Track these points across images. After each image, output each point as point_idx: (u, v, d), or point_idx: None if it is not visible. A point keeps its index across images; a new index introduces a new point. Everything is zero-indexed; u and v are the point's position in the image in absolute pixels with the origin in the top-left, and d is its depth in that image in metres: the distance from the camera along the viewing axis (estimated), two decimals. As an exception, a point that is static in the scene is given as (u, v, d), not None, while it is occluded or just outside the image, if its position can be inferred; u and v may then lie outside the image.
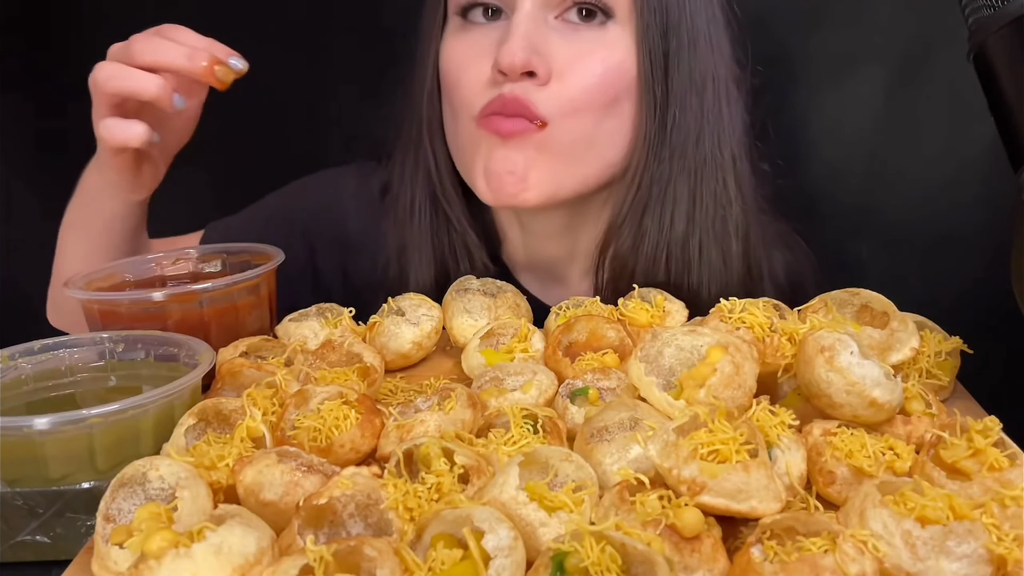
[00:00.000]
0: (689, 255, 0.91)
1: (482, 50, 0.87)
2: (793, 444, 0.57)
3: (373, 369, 0.74)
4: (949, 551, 0.46)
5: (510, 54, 0.82)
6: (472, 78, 0.87)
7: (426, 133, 0.96)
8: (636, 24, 0.86)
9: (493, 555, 0.46)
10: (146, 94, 0.80)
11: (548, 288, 1.04)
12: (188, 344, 0.74)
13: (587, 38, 0.86)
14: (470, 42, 0.89)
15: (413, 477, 0.55)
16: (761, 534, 0.48)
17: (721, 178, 0.91)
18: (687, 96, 0.88)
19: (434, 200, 0.97)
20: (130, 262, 0.92)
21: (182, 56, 0.79)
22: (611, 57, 0.86)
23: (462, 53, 0.89)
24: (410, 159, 0.99)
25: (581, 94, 0.85)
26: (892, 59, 1.26)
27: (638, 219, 0.91)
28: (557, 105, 0.85)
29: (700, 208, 0.90)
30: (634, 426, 0.60)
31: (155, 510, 0.53)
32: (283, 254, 0.90)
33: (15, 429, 0.61)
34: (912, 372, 0.71)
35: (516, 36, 0.83)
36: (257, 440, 0.62)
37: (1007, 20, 0.60)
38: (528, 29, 0.84)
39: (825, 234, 1.30)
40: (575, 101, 0.85)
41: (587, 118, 0.87)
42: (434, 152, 0.96)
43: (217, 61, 0.79)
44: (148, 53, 0.80)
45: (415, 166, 0.98)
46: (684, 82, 0.88)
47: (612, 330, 0.77)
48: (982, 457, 0.54)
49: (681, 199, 0.90)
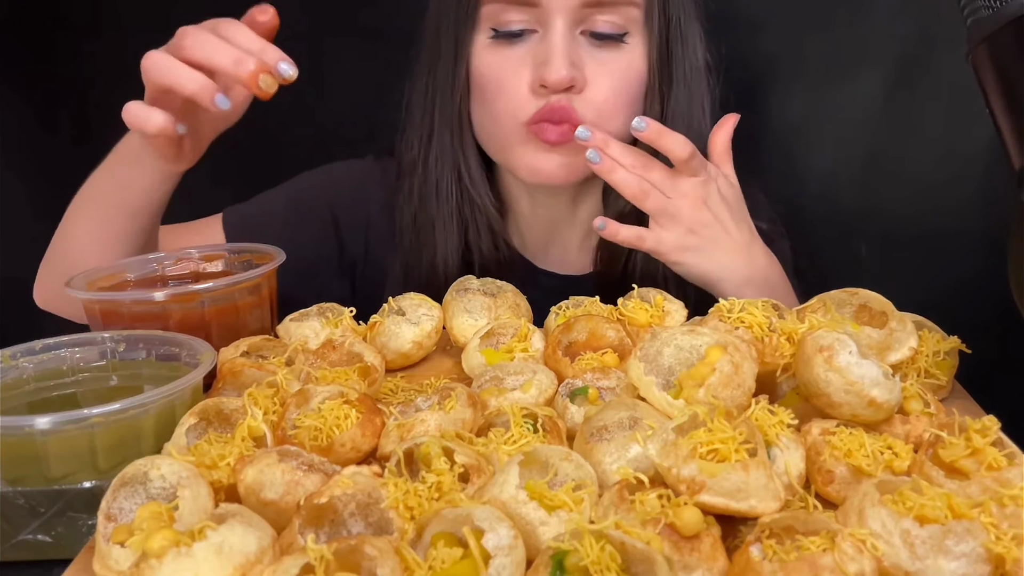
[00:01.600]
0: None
1: (520, 62, 0.97)
2: (792, 443, 0.57)
3: (374, 369, 0.74)
4: (948, 550, 0.46)
5: (557, 72, 0.93)
6: (514, 89, 0.97)
7: (456, 125, 1.04)
8: (646, 37, 0.98)
9: (493, 554, 0.46)
10: (186, 91, 0.80)
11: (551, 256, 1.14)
12: (189, 344, 0.75)
13: (608, 57, 0.98)
14: (506, 56, 0.98)
15: (413, 476, 0.56)
16: (760, 533, 0.48)
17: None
18: (679, 89, 1.01)
19: (459, 180, 1.06)
20: (131, 262, 0.92)
21: (229, 58, 0.79)
22: (630, 67, 0.98)
23: (499, 66, 0.98)
24: (435, 146, 1.06)
25: (606, 101, 0.97)
26: (892, 59, 1.26)
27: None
28: (592, 110, 0.96)
29: None
30: (633, 425, 0.60)
31: (156, 509, 0.53)
32: (284, 254, 0.90)
33: (16, 428, 0.61)
34: (911, 372, 0.71)
35: (558, 55, 0.94)
36: (258, 439, 0.63)
37: (1006, 20, 0.60)
38: (566, 47, 0.94)
39: (825, 234, 1.30)
40: (603, 107, 0.97)
41: (615, 123, 0.97)
42: (463, 141, 1.05)
43: (264, 68, 0.78)
44: (197, 49, 0.80)
45: (441, 152, 1.06)
46: (679, 76, 1.01)
47: (612, 330, 0.77)
48: (981, 456, 0.54)
49: None
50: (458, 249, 1.07)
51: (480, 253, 1.08)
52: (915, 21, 1.23)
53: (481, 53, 1.00)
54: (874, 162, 1.30)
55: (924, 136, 1.27)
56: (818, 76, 1.29)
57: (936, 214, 1.27)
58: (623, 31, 0.97)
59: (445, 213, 1.06)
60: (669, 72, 1.00)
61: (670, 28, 0.99)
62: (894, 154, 1.29)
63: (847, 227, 1.32)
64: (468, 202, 1.07)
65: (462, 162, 1.06)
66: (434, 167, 1.06)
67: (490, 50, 0.99)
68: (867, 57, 1.26)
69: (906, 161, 1.28)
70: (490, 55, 0.99)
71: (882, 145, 1.29)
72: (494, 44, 0.99)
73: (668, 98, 1.01)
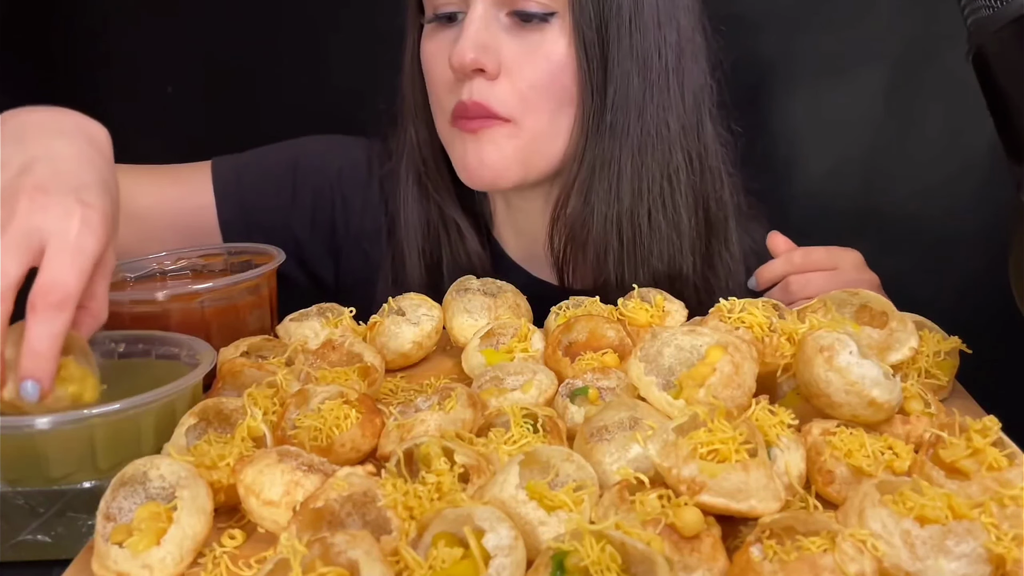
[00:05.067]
0: (638, 225, 0.94)
1: (444, 50, 0.91)
2: (792, 444, 0.57)
3: (373, 369, 0.74)
4: (948, 550, 0.46)
5: (459, 54, 0.87)
6: (439, 78, 0.93)
7: (411, 122, 1.00)
8: (571, 16, 0.89)
9: (493, 554, 0.46)
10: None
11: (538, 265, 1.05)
12: (189, 344, 0.74)
13: (530, 37, 0.90)
14: (437, 42, 0.93)
15: (413, 476, 0.55)
16: (760, 533, 0.48)
17: (667, 150, 0.93)
18: (628, 76, 0.90)
19: (420, 182, 1.02)
20: (131, 262, 0.92)
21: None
22: (555, 51, 0.90)
23: (432, 53, 0.94)
24: (399, 142, 1.03)
25: (530, 89, 0.90)
26: (892, 60, 1.26)
27: (583, 195, 0.94)
28: (512, 102, 0.90)
29: (646, 181, 0.93)
30: (634, 426, 0.60)
31: (155, 509, 0.53)
32: (283, 254, 0.90)
33: (16, 428, 0.61)
34: (911, 372, 0.71)
35: (466, 36, 0.88)
36: (258, 440, 0.63)
37: (1007, 20, 0.60)
38: (477, 29, 0.88)
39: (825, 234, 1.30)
40: (526, 96, 0.90)
41: (543, 113, 0.91)
42: (418, 138, 1.00)
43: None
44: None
45: (402, 149, 1.02)
46: (624, 63, 0.90)
47: (612, 330, 0.77)
48: (981, 457, 0.54)
49: (625, 174, 0.92)
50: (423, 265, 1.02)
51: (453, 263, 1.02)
52: (915, 21, 1.23)
53: (423, 42, 0.95)
54: (874, 162, 1.30)
55: (924, 136, 1.27)
56: (818, 76, 1.29)
57: (936, 214, 1.27)
58: (550, 11, 0.89)
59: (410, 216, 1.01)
60: (607, 56, 0.89)
61: (605, 7, 0.88)
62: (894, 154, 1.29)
63: (847, 227, 1.31)
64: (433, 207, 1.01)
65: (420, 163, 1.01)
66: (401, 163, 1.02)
67: (428, 38, 0.95)
68: (867, 57, 1.26)
69: (906, 161, 1.28)
70: (427, 43, 0.95)
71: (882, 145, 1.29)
72: (432, 32, 0.94)
73: (607, 87, 0.90)
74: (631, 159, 0.92)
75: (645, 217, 0.94)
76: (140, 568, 0.51)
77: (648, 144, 0.92)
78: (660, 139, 0.92)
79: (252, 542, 0.57)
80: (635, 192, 0.93)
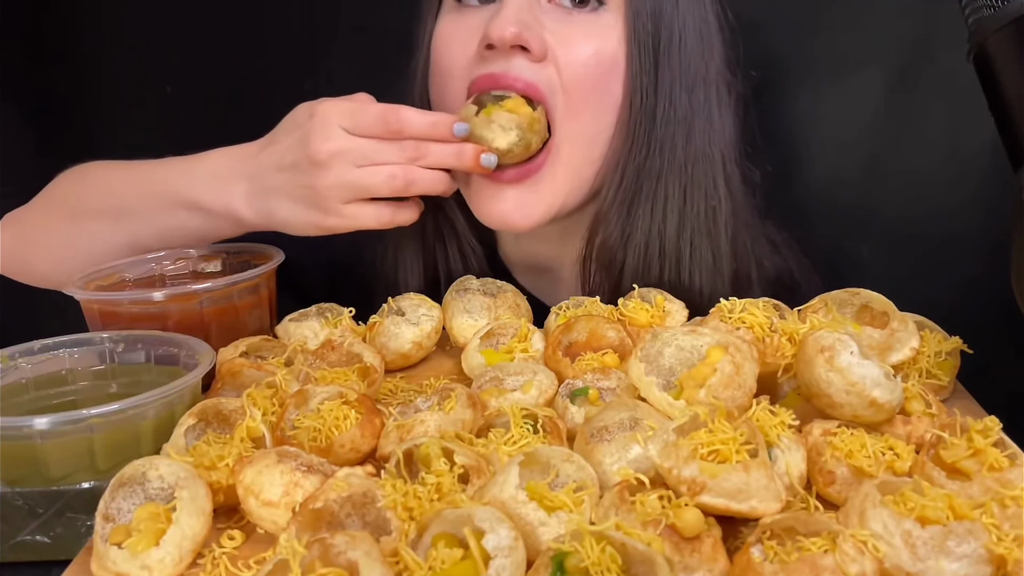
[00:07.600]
0: (681, 252, 0.90)
1: (473, 29, 0.85)
2: (793, 444, 0.57)
3: (373, 369, 0.74)
4: (949, 551, 0.46)
5: (500, 27, 0.81)
6: (458, 58, 0.87)
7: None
8: (627, 12, 0.85)
9: (493, 555, 0.46)
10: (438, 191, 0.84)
11: (544, 286, 1.02)
12: (188, 344, 0.74)
13: (580, 22, 0.86)
14: (461, 22, 0.88)
15: (413, 477, 0.55)
16: (761, 534, 0.48)
17: (712, 177, 0.90)
18: (676, 92, 0.87)
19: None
20: (130, 262, 0.92)
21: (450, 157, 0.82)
22: (603, 44, 0.85)
23: (452, 32, 0.88)
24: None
25: (572, 78, 0.84)
26: (892, 60, 1.26)
27: (626, 210, 0.89)
28: (550, 86, 0.84)
29: (691, 204, 0.89)
30: (634, 426, 0.60)
31: (154, 510, 0.53)
32: (283, 254, 0.90)
33: (15, 429, 0.61)
34: (912, 372, 0.71)
35: (507, 11, 0.82)
36: (257, 440, 0.62)
37: (1007, 20, 0.60)
38: (520, 7, 0.83)
39: (825, 234, 1.30)
40: (570, 82, 0.84)
41: (585, 115, 0.86)
42: None
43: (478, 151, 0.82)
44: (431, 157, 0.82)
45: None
46: (674, 77, 0.87)
47: (612, 330, 0.77)
48: (982, 457, 0.54)
49: (673, 194, 0.89)
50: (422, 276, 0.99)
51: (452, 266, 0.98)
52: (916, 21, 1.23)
53: (440, 23, 0.90)
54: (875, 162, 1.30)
55: (925, 136, 1.27)
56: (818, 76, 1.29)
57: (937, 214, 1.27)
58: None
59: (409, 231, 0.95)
60: (658, 63, 0.86)
61: (660, 8, 0.85)
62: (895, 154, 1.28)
63: (848, 227, 1.31)
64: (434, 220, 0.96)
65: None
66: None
67: (448, 18, 0.89)
68: (867, 57, 1.26)
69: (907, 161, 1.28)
70: (446, 23, 0.89)
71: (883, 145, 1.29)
72: (453, 12, 0.89)
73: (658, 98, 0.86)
74: (679, 179, 0.88)
75: (688, 245, 0.89)
76: (139, 569, 0.51)
77: (695, 167, 0.89)
78: (708, 164, 0.89)
79: (251, 543, 0.57)
80: (681, 214, 0.89)
